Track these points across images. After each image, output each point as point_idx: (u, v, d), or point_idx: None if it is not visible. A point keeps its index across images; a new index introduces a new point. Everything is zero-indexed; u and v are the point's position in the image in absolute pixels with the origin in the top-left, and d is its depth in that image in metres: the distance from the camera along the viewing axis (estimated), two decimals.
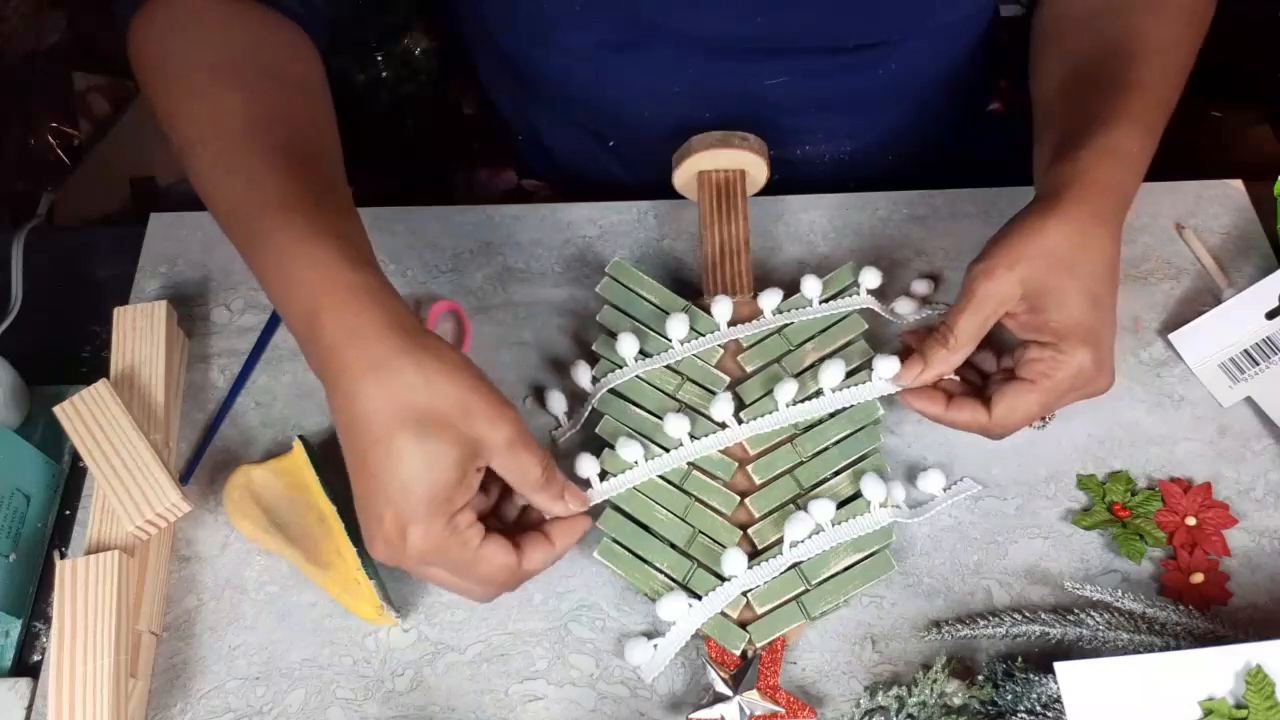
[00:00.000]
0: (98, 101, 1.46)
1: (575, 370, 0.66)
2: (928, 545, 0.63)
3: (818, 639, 0.60)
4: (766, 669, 0.57)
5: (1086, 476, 0.64)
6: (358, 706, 0.58)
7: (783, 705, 0.56)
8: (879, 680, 0.58)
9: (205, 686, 0.59)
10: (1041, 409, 0.58)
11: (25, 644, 0.61)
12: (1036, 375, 0.58)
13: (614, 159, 0.83)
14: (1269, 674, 0.53)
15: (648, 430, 0.64)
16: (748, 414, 0.64)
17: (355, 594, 0.59)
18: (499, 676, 0.59)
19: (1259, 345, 0.68)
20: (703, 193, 0.71)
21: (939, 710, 0.56)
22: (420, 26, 0.89)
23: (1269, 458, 0.66)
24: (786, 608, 0.59)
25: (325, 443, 0.66)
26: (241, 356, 0.69)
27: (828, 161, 0.82)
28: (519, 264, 0.73)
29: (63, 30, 1.53)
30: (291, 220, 0.52)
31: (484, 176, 0.92)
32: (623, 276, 0.69)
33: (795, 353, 0.66)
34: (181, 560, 0.63)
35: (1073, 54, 0.67)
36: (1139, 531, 0.62)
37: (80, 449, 0.60)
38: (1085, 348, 0.57)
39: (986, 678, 0.57)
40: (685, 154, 0.71)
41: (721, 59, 0.73)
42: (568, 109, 0.81)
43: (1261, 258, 0.73)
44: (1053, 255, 0.57)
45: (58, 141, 1.42)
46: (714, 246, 0.69)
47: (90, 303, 0.72)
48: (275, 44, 0.61)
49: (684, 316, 0.66)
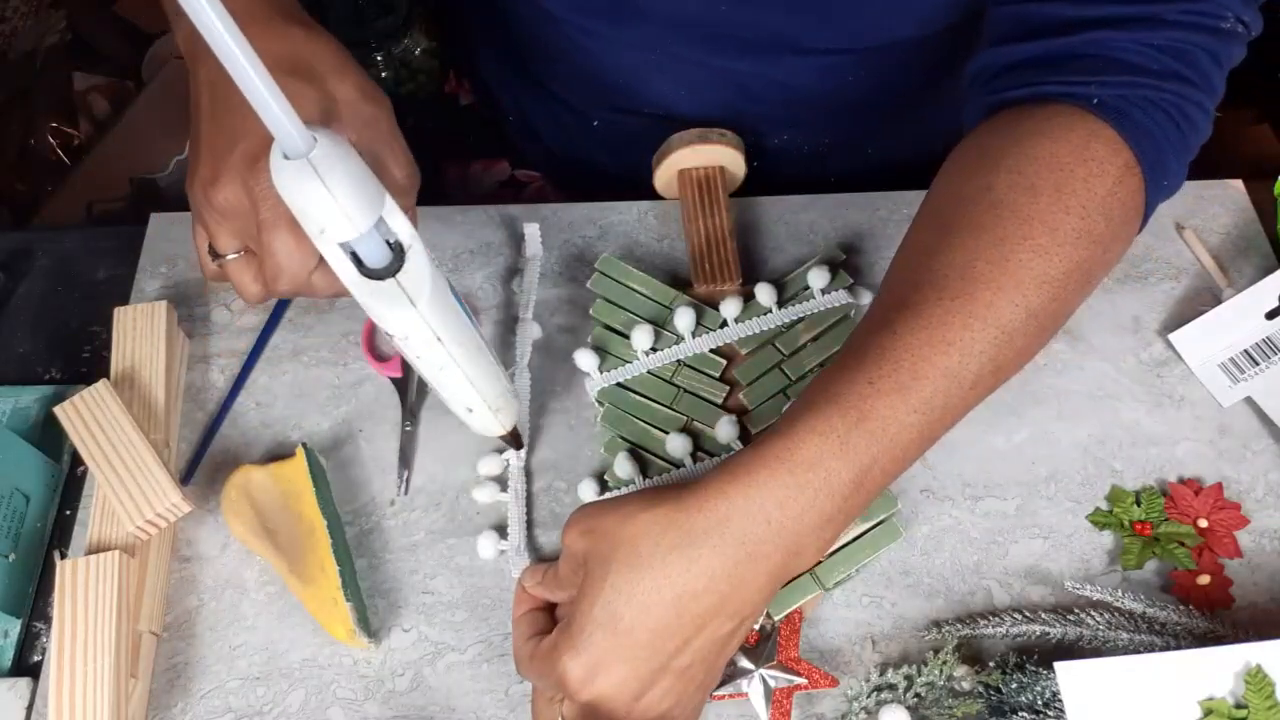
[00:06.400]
0: (98, 101, 1.46)
1: (578, 356, 0.67)
2: (928, 545, 0.63)
3: (818, 638, 0.60)
4: (786, 641, 0.58)
5: (1121, 490, 0.64)
6: (358, 706, 0.58)
7: (805, 676, 0.57)
8: (888, 662, 0.59)
9: (205, 687, 0.59)
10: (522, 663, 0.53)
11: (25, 644, 0.61)
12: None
13: (599, 145, 0.84)
14: (1269, 674, 0.53)
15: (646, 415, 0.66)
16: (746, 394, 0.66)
17: (331, 612, 0.59)
18: (499, 676, 0.59)
19: (1259, 345, 0.68)
20: (684, 189, 0.73)
21: (946, 693, 0.57)
22: (420, 26, 0.89)
23: (1269, 458, 0.66)
24: (800, 580, 0.59)
25: (326, 446, 0.66)
26: (241, 356, 0.69)
27: (806, 153, 0.82)
28: (519, 263, 0.73)
29: (63, 30, 1.53)
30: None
31: (479, 169, 0.92)
32: (612, 271, 0.70)
33: (788, 334, 0.68)
34: (182, 560, 0.63)
35: (923, 212, 0.56)
36: (1165, 546, 0.62)
37: (80, 449, 0.60)
38: (569, 658, 0.48)
39: (996, 664, 0.58)
40: (665, 153, 0.73)
41: (696, 43, 0.73)
42: (550, 77, 0.82)
43: (1261, 258, 0.73)
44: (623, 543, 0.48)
45: (58, 141, 1.42)
46: (699, 238, 0.71)
47: (90, 303, 0.72)
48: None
49: (690, 310, 0.67)
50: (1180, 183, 0.56)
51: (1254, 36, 0.56)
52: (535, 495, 0.65)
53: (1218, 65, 0.54)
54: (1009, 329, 0.49)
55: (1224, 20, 0.54)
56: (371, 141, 0.54)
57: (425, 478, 0.65)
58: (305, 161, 0.40)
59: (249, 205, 0.52)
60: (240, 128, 0.52)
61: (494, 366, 0.54)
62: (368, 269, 0.46)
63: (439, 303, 0.47)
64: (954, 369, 0.48)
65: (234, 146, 0.52)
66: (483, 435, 0.58)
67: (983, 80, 0.58)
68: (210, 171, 0.53)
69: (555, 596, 0.54)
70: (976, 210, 0.51)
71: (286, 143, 0.40)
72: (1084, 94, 0.53)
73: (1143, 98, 0.53)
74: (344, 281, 0.46)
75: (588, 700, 0.48)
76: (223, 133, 0.53)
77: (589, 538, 0.49)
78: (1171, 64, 0.53)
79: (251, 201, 0.52)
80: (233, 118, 0.53)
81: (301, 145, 0.40)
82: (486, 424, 0.56)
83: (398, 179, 0.55)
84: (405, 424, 0.67)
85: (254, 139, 0.52)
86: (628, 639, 0.47)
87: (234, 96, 0.41)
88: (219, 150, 0.53)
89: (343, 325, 0.71)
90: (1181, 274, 0.73)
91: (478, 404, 0.54)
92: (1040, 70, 0.55)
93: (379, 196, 0.44)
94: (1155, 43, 0.53)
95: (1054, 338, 0.68)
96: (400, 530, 0.64)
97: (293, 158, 0.41)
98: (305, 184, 0.41)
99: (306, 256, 0.52)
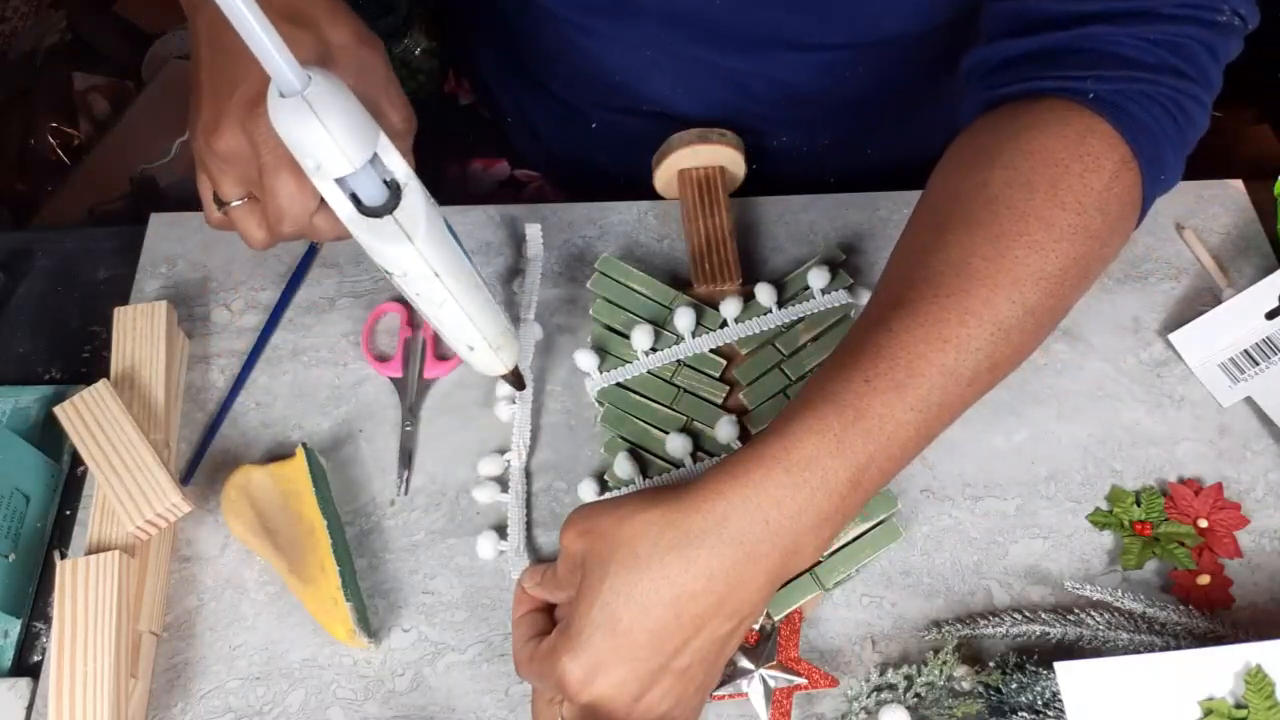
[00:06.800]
0: (98, 101, 1.46)
1: (578, 356, 0.67)
2: (928, 545, 0.63)
3: (818, 638, 0.60)
4: (786, 641, 0.58)
5: (1121, 490, 0.64)
6: (358, 706, 0.58)
7: (805, 676, 0.57)
8: (888, 662, 0.59)
9: (205, 687, 0.59)
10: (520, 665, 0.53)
11: (25, 644, 0.61)
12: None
13: (599, 145, 0.84)
14: (1269, 674, 0.53)
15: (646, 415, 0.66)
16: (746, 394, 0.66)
17: (331, 613, 0.59)
18: (499, 676, 0.59)
19: (1259, 345, 0.68)
20: (684, 190, 0.73)
21: (946, 693, 0.57)
22: (420, 26, 0.89)
23: (1269, 458, 0.66)
24: (800, 580, 0.59)
25: (326, 446, 0.66)
26: (241, 356, 0.69)
27: (805, 153, 0.82)
28: (519, 264, 0.73)
29: (63, 30, 1.53)
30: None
31: (478, 168, 0.92)
32: (612, 271, 0.70)
33: (788, 334, 0.68)
34: (182, 560, 0.63)
35: (920, 210, 0.55)
36: (1166, 546, 0.62)
37: (80, 449, 0.60)
38: (568, 659, 0.48)
39: (996, 665, 0.58)
40: (665, 153, 0.73)
41: (694, 40, 0.73)
42: (550, 77, 0.82)
43: (1261, 258, 0.73)
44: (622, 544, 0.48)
45: (58, 141, 1.42)
46: (700, 238, 0.71)
47: (90, 303, 0.72)
48: None
49: (690, 310, 0.67)
50: (1178, 177, 0.55)
51: (1251, 30, 0.56)
52: (535, 495, 0.65)
53: (1214, 59, 0.54)
54: (1006, 325, 0.49)
55: (1220, 14, 0.53)
56: (368, 86, 0.54)
57: (425, 478, 0.65)
58: (301, 99, 0.42)
59: (250, 150, 0.53)
60: (238, 73, 0.53)
61: (492, 304, 0.55)
62: (365, 207, 0.47)
63: (435, 238, 0.48)
64: (951, 366, 0.48)
65: (233, 91, 0.53)
66: (485, 375, 0.59)
67: (978, 76, 0.58)
68: (211, 117, 0.53)
69: (554, 597, 0.54)
70: (972, 207, 0.51)
71: (282, 81, 0.42)
72: (1080, 89, 0.53)
73: (1139, 92, 0.52)
74: (342, 218, 0.47)
75: (587, 702, 0.48)
76: (221, 79, 0.54)
77: (586, 539, 0.49)
78: (1168, 58, 0.53)
79: (252, 146, 0.52)
80: (231, 64, 0.53)
81: (297, 83, 0.42)
82: (488, 363, 0.57)
83: (394, 123, 0.56)
84: (405, 424, 0.67)
85: (252, 83, 0.52)
86: (627, 640, 0.47)
87: (232, 43, 0.42)
88: (219, 96, 0.53)
89: (343, 325, 0.71)
90: (1181, 274, 0.73)
91: (478, 341, 0.55)
92: (1036, 65, 0.55)
93: (373, 133, 0.45)
94: (1151, 37, 0.53)
95: (1054, 338, 0.69)
96: (400, 530, 0.64)
97: (289, 96, 0.42)
98: (302, 121, 0.42)
99: (308, 198, 0.53)
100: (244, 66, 0.52)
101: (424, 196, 0.48)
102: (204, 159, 0.55)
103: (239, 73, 0.53)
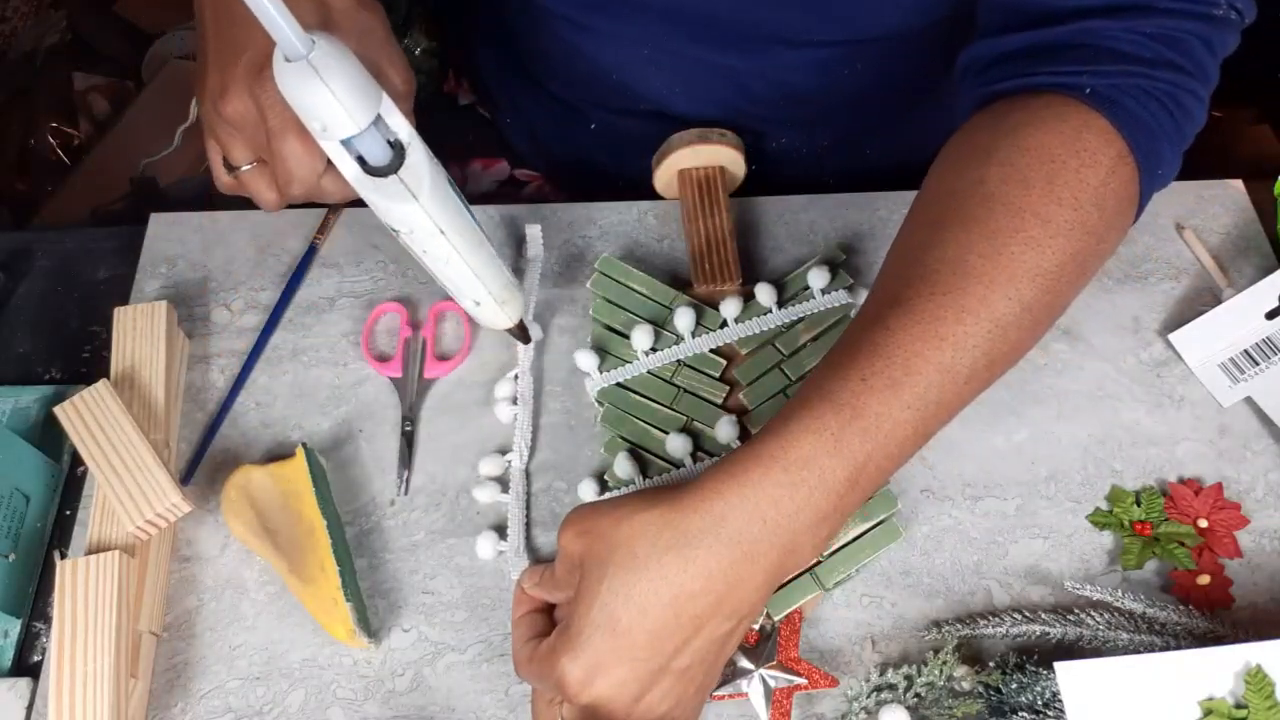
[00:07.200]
0: (98, 101, 1.46)
1: (578, 356, 0.67)
2: (928, 545, 0.63)
3: (818, 638, 0.60)
4: (786, 641, 0.58)
5: (1121, 490, 0.64)
6: (358, 706, 0.58)
7: (805, 676, 0.57)
8: (888, 662, 0.59)
9: (205, 687, 0.59)
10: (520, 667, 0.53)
11: (25, 644, 0.61)
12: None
13: (598, 145, 0.84)
14: (1269, 674, 0.53)
15: (646, 415, 0.66)
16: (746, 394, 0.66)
17: (331, 613, 0.59)
18: (499, 676, 0.59)
19: (1259, 345, 0.68)
20: (684, 190, 0.73)
21: (946, 693, 0.57)
22: (420, 26, 0.89)
23: (1269, 458, 0.66)
24: (800, 580, 0.59)
25: (326, 446, 0.66)
26: (241, 356, 0.69)
27: (805, 154, 0.82)
28: (519, 264, 0.73)
29: (63, 30, 1.53)
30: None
31: (478, 168, 0.92)
32: (612, 271, 0.70)
33: (788, 334, 0.68)
34: (182, 560, 0.63)
35: (916, 208, 0.55)
36: (1166, 546, 0.62)
37: (80, 449, 0.60)
38: (567, 660, 0.48)
39: (996, 665, 0.58)
40: (665, 153, 0.73)
41: (692, 37, 0.73)
42: (549, 77, 0.82)
43: (1261, 258, 0.73)
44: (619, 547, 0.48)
45: (58, 141, 1.42)
46: (700, 238, 0.71)
47: (90, 303, 0.72)
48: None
49: (690, 310, 0.67)
50: (1175, 172, 0.55)
51: (1248, 24, 0.55)
52: (535, 495, 0.65)
53: (1211, 53, 0.54)
54: (1003, 322, 0.49)
55: (1217, 7, 0.53)
56: (369, 49, 0.55)
57: (425, 478, 0.65)
58: (305, 62, 0.43)
59: (257, 115, 0.54)
60: (243, 40, 0.54)
61: (496, 260, 0.56)
62: (371, 166, 0.49)
63: (439, 196, 0.50)
64: (948, 364, 0.48)
65: (238, 58, 0.54)
66: (492, 329, 0.61)
67: (974, 72, 0.58)
68: (218, 84, 0.54)
69: (553, 598, 0.54)
70: (969, 204, 0.51)
71: (286, 46, 0.43)
72: (1076, 84, 0.52)
73: (1135, 86, 0.52)
74: (348, 178, 0.49)
75: (587, 702, 0.48)
76: (227, 46, 0.55)
77: (584, 539, 0.49)
78: (1164, 52, 0.53)
79: (260, 111, 0.53)
80: (236, 31, 0.54)
81: (301, 48, 0.43)
82: (494, 317, 0.59)
83: (396, 85, 0.57)
84: (405, 424, 0.67)
85: (257, 49, 0.53)
86: (626, 640, 0.47)
87: (236, 10, 0.43)
88: (225, 63, 0.54)
89: (343, 325, 0.71)
90: (1181, 274, 0.73)
91: (484, 296, 0.57)
92: (1032, 61, 0.54)
93: (376, 94, 0.46)
94: (1147, 31, 0.53)
95: (1054, 338, 0.69)
96: (400, 530, 0.64)
97: (293, 60, 0.43)
98: (307, 84, 0.43)
99: (315, 161, 0.54)
100: (249, 33, 0.53)
101: (427, 155, 0.49)
102: (213, 125, 0.56)
103: (244, 40, 0.54)
